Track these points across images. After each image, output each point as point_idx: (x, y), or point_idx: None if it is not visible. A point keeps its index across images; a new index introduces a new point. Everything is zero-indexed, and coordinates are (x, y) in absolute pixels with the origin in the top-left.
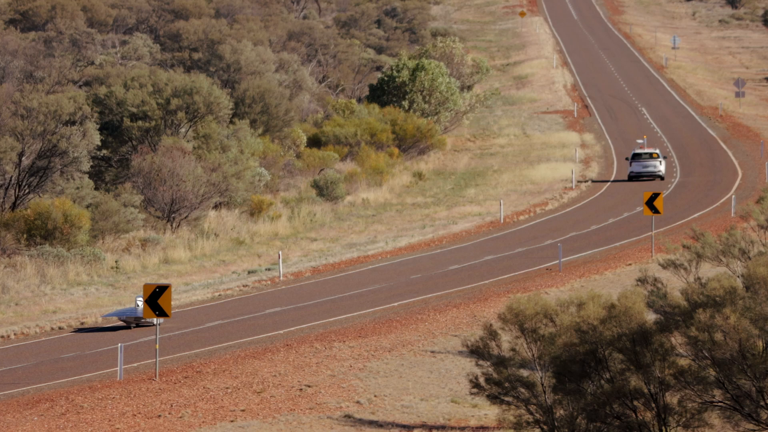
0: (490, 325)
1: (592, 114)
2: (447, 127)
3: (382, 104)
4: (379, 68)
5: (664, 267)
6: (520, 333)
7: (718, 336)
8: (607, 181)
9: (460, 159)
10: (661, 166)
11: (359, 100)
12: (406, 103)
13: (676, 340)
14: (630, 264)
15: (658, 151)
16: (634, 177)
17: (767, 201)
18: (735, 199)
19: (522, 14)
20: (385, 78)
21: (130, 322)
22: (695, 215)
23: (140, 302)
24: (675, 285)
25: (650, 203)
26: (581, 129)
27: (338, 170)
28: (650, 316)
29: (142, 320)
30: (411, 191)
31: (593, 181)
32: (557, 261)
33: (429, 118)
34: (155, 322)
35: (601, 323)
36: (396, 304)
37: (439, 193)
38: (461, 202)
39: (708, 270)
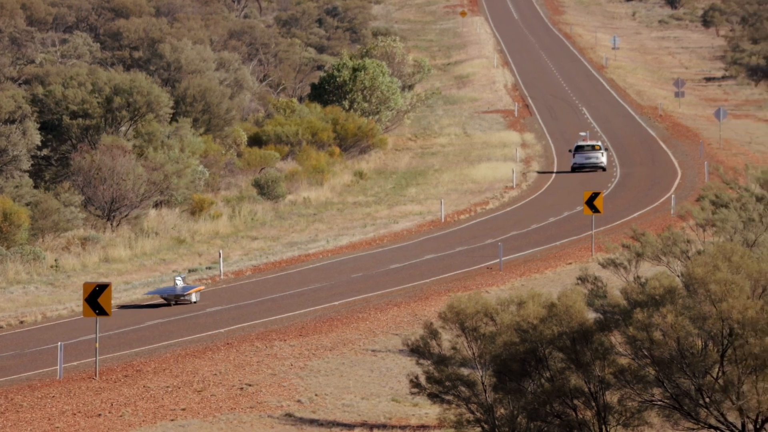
0: (431, 323)
1: (533, 113)
2: (388, 126)
3: (324, 103)
4: (320, 67)
5: (604, 266)
6: (461, 332)
7: (657, 335)
8: (552, 172)
9: (401, 158)
10: (603, 158)
11: (300, 100)
12: (346, 103)
13: (616, 339)
14: (570, 263)
15: (599, 143)
16: (577, 168)
17: (706, 200)
18: (674, 198)
19: (463, 14)
20: (326, 77)
21: (170, 299)
22: (635, 214)
23: (179, 281)
24: (615, 284)
25: (590, 203)
26: (522, 128)
27: (279, 169)
28: (590, 315)
29: (181, 297)
30: (352, 190)
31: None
32: (498, 260)
33: (370, 117)
34: (193, 300)
35: (541, 322)
36: (337, 302)
37: (380, 192)
38: (402, 201)
39: (647, 269)
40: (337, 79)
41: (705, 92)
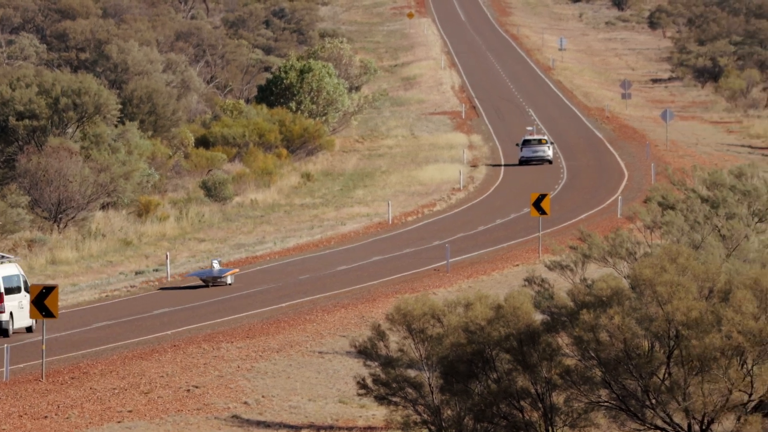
0: (378, 325)
1: (480, 115)
2: (335, 128)
3: (271, 105)
4: (267, 69)
5: (551, 268)
6: (408, 333)
7: (604, 336)
8: (499, 174)
9: (349, 160)
10: (549, 151)
11: (247, 101)
12: (293, 104)
13: (563, 340)
14: (517, 265)
15: (546, 137)
16: (524, 161)
17: (654, 202)
18: (621, 200)
19: (410, 15)
20: (273, 79)
21: (208, 281)
22: (582, 216)
23: (216, 264)
24: (562, 286)
25: (537, 204)
26: (469, 130)
27: (226, 171)
28: (537, 317)
29: (218, 279)
30: (299, 192)
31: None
32: (445, 262)
33: (317, 119)
34: (229, 281)
35: (488, 323)
36: (284, 304)
37: (328, 194)
38: (349, 203)
39: (594, 271)
40: (284, 81)
41: (652, 94)
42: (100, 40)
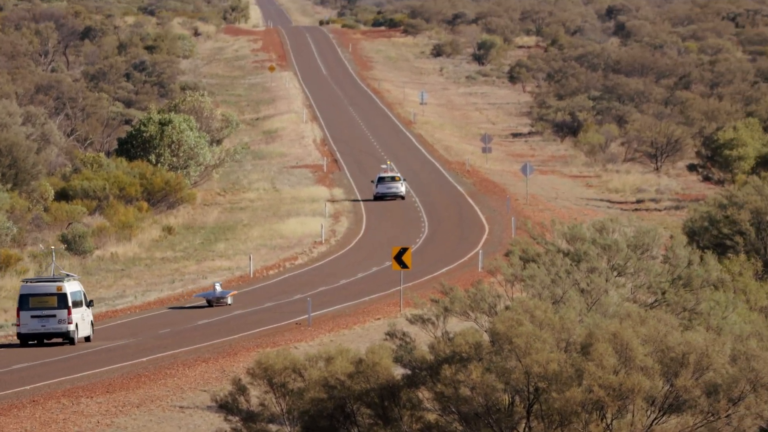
0: (239, 379)
1: (342, 169)
2: (197, 181)
3: (131, 158)
4: (128, 122)
5: (412, 321)
6: (269, 388)
7: (464, 391)
8: (362, 218)
9: (210, 213)
10: (402, 188)
11: (108, 154)
12: (153, 157)
13: (424, 394)
14: (379, 318)
15: (399, 174)
16: (379, 197)
17: (515, 256)
18: (482, 253)
19: (271, 69)
20: (134, 131)
21: (212, 301)
22: (443, 269)
23: (218, 287)
24: (424, 339)
25: (399, 258)
26: (331, 184)
27: (87, 224)
28: (398, 371)
29: (220, 300)
30: (160, 245)
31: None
32: (307, 315)
33: (178, 171)
34: (229, 302)
35: (349, 378)
36: (145, 359)
37: (189, 247)
38: (211, 256)
39: (456, 324)
40: (144, 134)
41: (512, 148)
42: None
